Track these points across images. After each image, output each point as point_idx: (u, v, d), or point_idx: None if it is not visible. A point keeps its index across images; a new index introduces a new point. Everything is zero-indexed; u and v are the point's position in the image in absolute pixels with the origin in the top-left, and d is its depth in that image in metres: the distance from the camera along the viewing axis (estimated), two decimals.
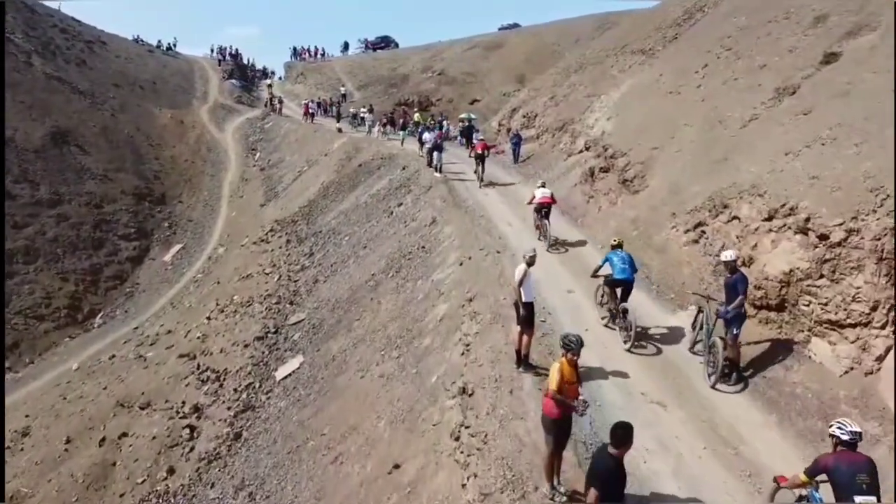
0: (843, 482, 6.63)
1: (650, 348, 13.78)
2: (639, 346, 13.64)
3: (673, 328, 14.54)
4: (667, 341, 14.06)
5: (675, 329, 14.48)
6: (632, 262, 13.98)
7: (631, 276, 13.77)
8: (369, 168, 37.66)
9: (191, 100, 58.43)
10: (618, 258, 13.98)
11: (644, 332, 13.97)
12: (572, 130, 29.71)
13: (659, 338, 14.14)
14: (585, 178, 24.42)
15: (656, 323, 14.68)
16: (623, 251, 14.39)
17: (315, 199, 37.61)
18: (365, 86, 65.55)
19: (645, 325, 14.23)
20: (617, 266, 13.79)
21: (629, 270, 13.76)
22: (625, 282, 13.74)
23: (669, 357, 13.49)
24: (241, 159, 49.71)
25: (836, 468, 6.75)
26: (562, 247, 20.54)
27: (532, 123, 36.92)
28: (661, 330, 14.45)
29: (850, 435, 6.91)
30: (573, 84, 36.65)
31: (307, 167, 43.05)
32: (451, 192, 26.55)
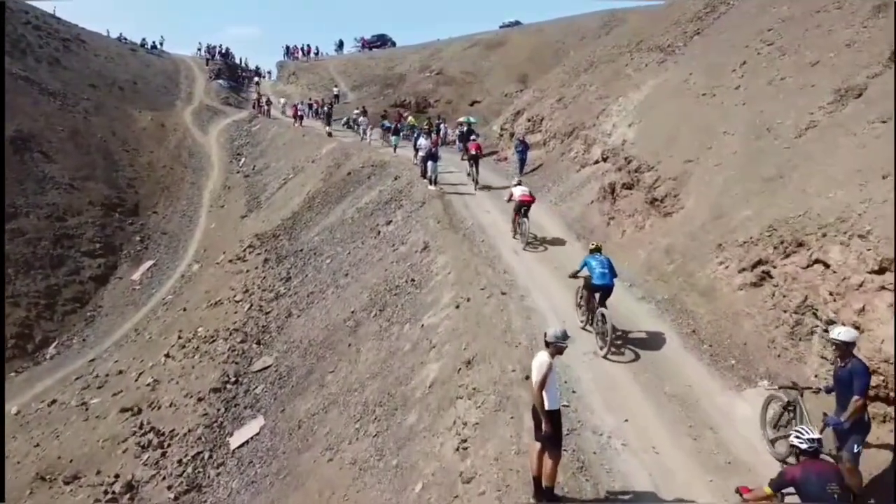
0: (814, 493, 6.35)
1: (628, 354, 12.77)
2: (616, 353, 12.73)
3: (655, 333, 13.55)
4: (647, 346, 13.03)
5: (657, 335, 13.51)
6: (611, 267, 13.36)
7: (610, 281, 13.16)
8: (359, 177, 33.95)
9: (174, 101, 54.67)
10: (596, 262, 13.32)
11: (623, 336, 13.26)
12: (585, 137, 25.93)
13: (638, 343, 13.16)
14: (604, 194, 20.65)
15: (717, 406, 10.88)
16: (602, 255, 13.70)
17: (299, 212, 33.89)
18: (359, 86, 61.77)
19: (624, 329, 13.43)
20: (596, 271, 13.16)
21: (609, 276, 13.16)
22: (604, 287, 13.11)
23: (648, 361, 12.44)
24: (225, 165, 45.96)
25: (806, 479, 6.48)
26: (539, 245, 19.76)
27: (538, 128, 33.16)
28: (641, 334, 13.49)
29: (810, 444, 6.72)
30: (583, 85, 32.88)
31: (293, 174, 39.30)
32: (448, 209, 22.79)
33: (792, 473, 6.71)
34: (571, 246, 19.11)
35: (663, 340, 13.17)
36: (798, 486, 6.57)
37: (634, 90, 24.71)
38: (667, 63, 28.50)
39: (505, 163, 33.45)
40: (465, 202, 24.39)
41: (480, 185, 26.54)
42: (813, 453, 6.75)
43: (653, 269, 16.13)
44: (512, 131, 35.00)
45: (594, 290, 13.20)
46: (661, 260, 16.25)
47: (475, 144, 27.76)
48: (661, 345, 13.06)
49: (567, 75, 34.93)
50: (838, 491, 6.40)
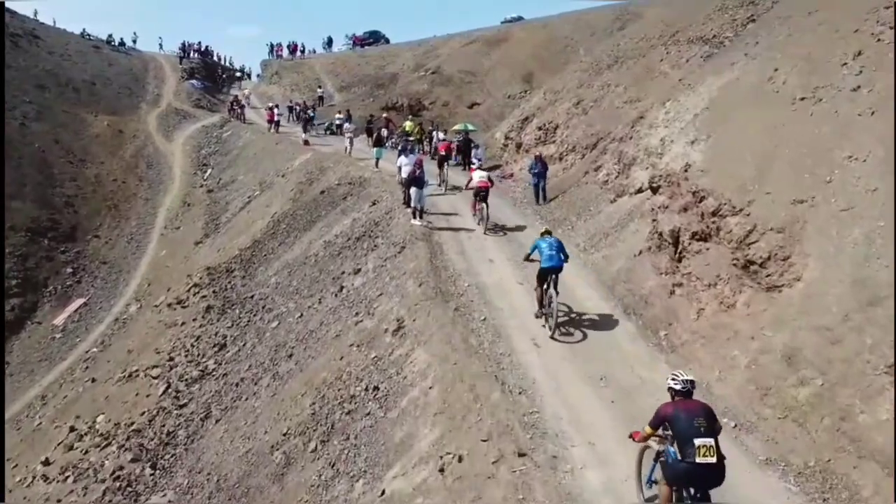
0: (682, 427, 6.72)
1: (577, 335, 11.99)
2: (564, 333, 12.08)
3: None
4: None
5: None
6: (560, 248, 12.61)
7: (559, 263, 12.41)
8: (333, 197, 27.37)
9: (138, 104, 47.97)
10: (546, 244, 12.63)
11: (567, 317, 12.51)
12: (618, 153, 19.33)
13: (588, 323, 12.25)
14: (660, 243, 13.98)
15: None
16: (552, 237, 12.95)
17: (261, 240, 27.24)
18: (348, 87, 55.07)
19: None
20: (545, 253, 12.46)
21: (557, 257, 12.41)
22: (552, 269, 12.34)
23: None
24: (188, 177, 39.27)
25: (676, 415, 6.82)
26: (500, 231, 19.14)
27: (550, 137, 26.53)
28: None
29: (683, 384, 7.02)
30: (607, 85, 26.23)
31: (259, 191, 32.65)
32: (435, 258, 16.16)
33: (665, 411, 6.90)
34: (622, 328, 12.46)
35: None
36: (670, 421, 6.81)
37: (688, 93, 17.97)
38: (717, 57, 21.98)
39: (511, 180, 26.82)
40: (461, 245, 17.70)
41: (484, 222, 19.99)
42: (686, 393, 6.97)
43: (770, 395, 9.48)
44: (519, 141, 28.35)
45: (543, 273, 12.45)
46: (781, 376, 9.62)
47: (445, 145, 26.84)
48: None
49: (585, 74, 28.25)
50: (704, 425, 6.66)
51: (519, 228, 19.00)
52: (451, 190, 24.88)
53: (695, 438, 6.60)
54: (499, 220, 19.61)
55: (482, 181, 19.43)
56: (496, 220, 19.59)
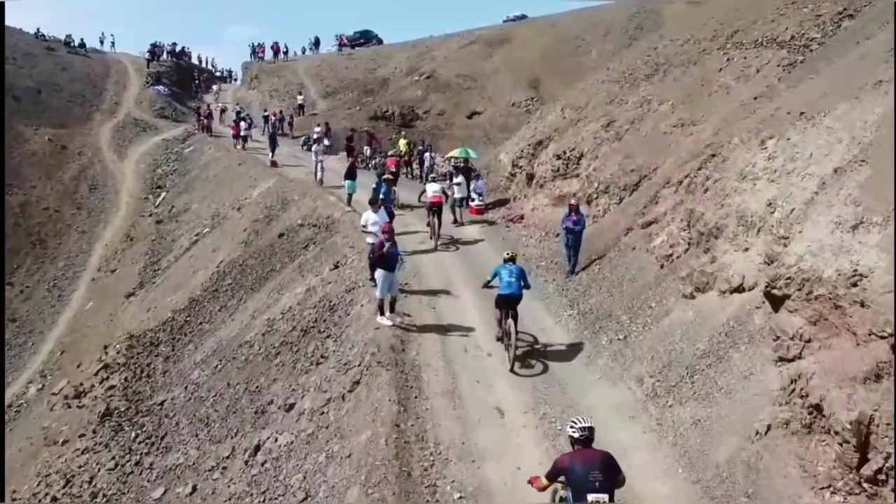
0: (578, 481, 6.13)
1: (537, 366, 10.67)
2: (524, 366, 10.82)
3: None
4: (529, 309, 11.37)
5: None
6: (521, 276, 11.50)
7: (518, 290, 11.34)
8: (292, 244, 21.01)
9: (92, 113, 41.42)
10: (506, 271, 11.53)
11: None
12: (689, 214, 12.65)
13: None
14: (811, 422, 7.37)
15: None
16: (514, 265, 11.66)
17: (199, 299, 20.83)
18: (333, 93, 48.39)
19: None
20: (504, 280, 11.42)
21: (516, 285, 11.34)
22: (511, 297, 11.27)
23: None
24: (137, 203, 32.75)
25: (572, 468, 6.21)
26: (452, 245, 18.21)
27: (573, 169, 19.95)
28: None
29: (581, 432, 6.36)
30: (646, 101, 19.64)
31: (209, 228, 26.09)
32: (407, 416, 9.45)
33: (562, 462, 6.35)
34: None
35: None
36: (566, 474, 6.25)
37: (803, 127, 11.25)
38: (808, 67, 15.60)
39: (520, 225, 20.25)
40: (454, 375, 10.90)
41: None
42: (585, 441, 6.35)
43: None
44: (531, 172, 21.75)
45: (501, 300, 11.39)
46: None
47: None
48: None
49: (616, 85, 21.61)
50: (600, 479, 6.04)
51: (555, 350, 12.09)
52: (445, 245, 18.49)
53: (588, 494, 5.94)
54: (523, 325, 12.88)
55: (436, 196, 18.41)
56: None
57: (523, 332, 11.85)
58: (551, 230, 18.85)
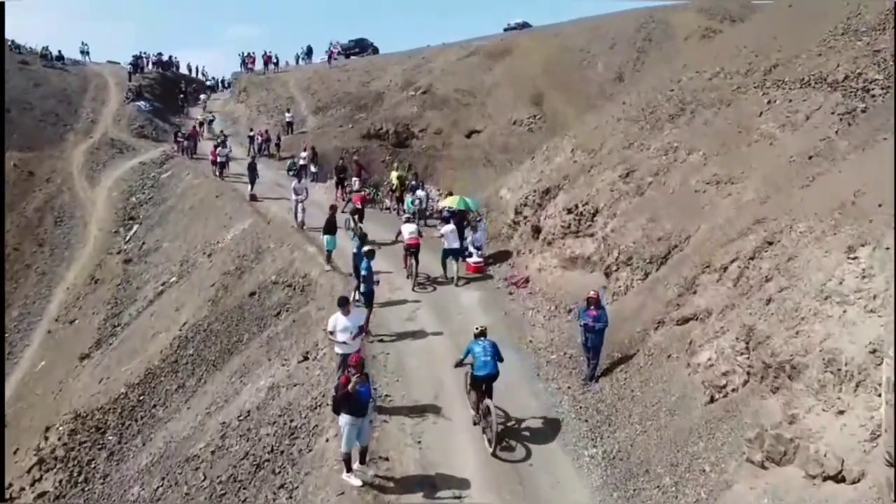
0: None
1: (519, 451, 9.99)
2: (505, 449, 10.14)
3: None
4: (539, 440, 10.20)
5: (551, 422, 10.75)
6: (495, 353, 10.76)
7: (494, 370, 10.65)
8: (262, 308, 18.30)
9: (65, 134, 38.50)
10: (480, 349, 10.78)
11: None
12: (748, 333, 9.67)
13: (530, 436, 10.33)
14: None
15: None
16: (486, 340, 10.96)
17: (156, 372, 18.05)
18: (324, 108, 45.29)
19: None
20: (479, 359, 10.67)
21: (492, 364, 10.64)
22: (488, 377, 10.62)
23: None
24: (106, 238, 29.80)
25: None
26: (429, 286, 17.42)
27: (587, 227, 17.01)
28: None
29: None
30: (672, 147, 16.69)
31: (176, 277, 23.18)
32: None
33: None
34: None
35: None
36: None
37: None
38: (870, 117, 12.72)
39: (524, 290, 17.31)
40: None
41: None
42: None
43: None
44: (537, 224, 18.79)
45: (477, 381, 10.71)
46: None
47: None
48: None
49: (635, 125, 18.61)
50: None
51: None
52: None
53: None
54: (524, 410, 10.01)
55: (412, 238, 17.69)
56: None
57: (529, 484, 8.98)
58: (562, 302, 15.95)
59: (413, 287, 17.44)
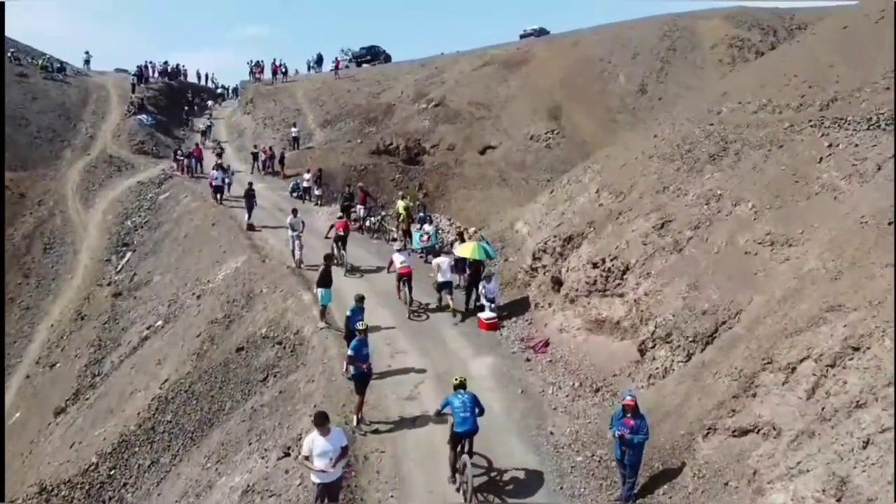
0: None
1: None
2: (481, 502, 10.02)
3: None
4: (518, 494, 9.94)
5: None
6: (474, 407, 10.31)
7: (473, 426, 10.19)
8: (248, 371, 16.46)
9: (62, 150, 36.74)
10: (459, 402, 10.28)
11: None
12: (842, 487, 7.38)
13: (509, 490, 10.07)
14: None
15: None
16: (466, 393, 10.44)
17: (130, 440, 16.25)
18: (332, 121, 43.20)
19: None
20: (458, 415, 10.17)
21: (471, 420, 10.19)
22: (468, 433, 10.19)
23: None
24: (97, 267, 27.96)
25: None
26: (423, 314, 17.14)
27: (616, 286, 14.78)
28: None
29: None
30: (714, 195, 14.43)
31: (162, 322, 21.16)
32: None
33: None
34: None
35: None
36: None
37: None
38: None
39: (544, 355, 15.08)
40: None
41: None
42: None
43: None
44: (558, 276, 16.51)
45: (456, 437, 10.28)
46: None
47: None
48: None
49: (670, 165, 16.29)
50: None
51: None
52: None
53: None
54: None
55: (404, 267, 17.53)
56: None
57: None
58: (587, 377, 13.72)
59: (409, 316, 17.11)
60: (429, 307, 17.71)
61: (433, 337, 16.01)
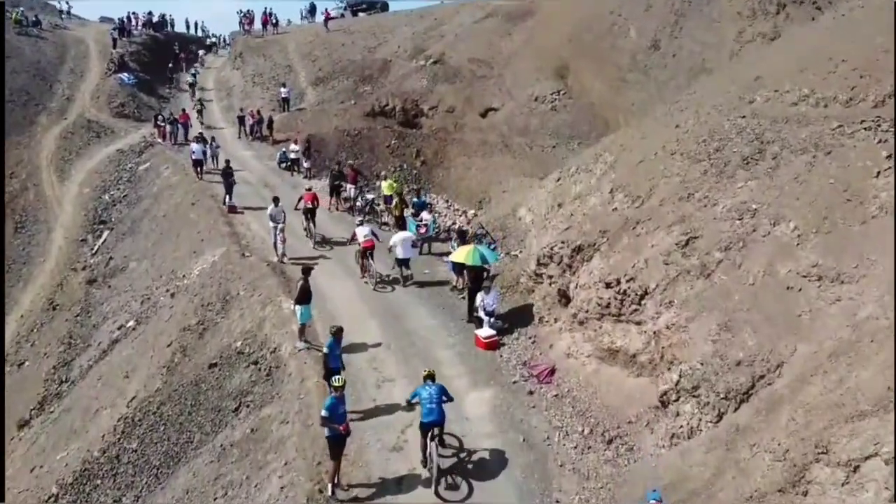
0: None
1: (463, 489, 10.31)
2: (448, 488, 10.42)
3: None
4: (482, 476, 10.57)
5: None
6: (441, 398, 10.74)
7: (439, 417, 10.63)
8: (219, 394, 15.21)
9: (37, 115, 34.39)
10: (427, 394, 10.72)
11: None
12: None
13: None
14: None
15: None
16: (433, 385, 10.86)
17: (91, 471, 14.64)
18: (325, 79, 40.51)
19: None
20: (425, 406, 10.62)
21: (437, 411, 10.61)
22: (433, 424, 10.58)
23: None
24: (72, 248, 26.15)
25: None
26: (388, 285, 17.46)
27: (633, 312, 12.91)
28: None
29: None
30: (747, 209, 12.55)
31: (134, 324, 19.42)
32: None
33: None
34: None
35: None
36: None
37: None
38: None
39: (549, 384, 13.31)
40: None
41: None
42: None
43: None
44: (566, 291, 14.61)
45: (424, 427, 10.68)
46: None
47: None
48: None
49: (694, 163, 14.10)
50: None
51: None
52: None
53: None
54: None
55: (368, 240, 17.85)
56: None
57: None
58: (598, 422, 11.97)
59: (374, 288, 17.66)
60: (390, 279, 18.04)
61: (426, 358, 14.18)
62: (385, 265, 18.49)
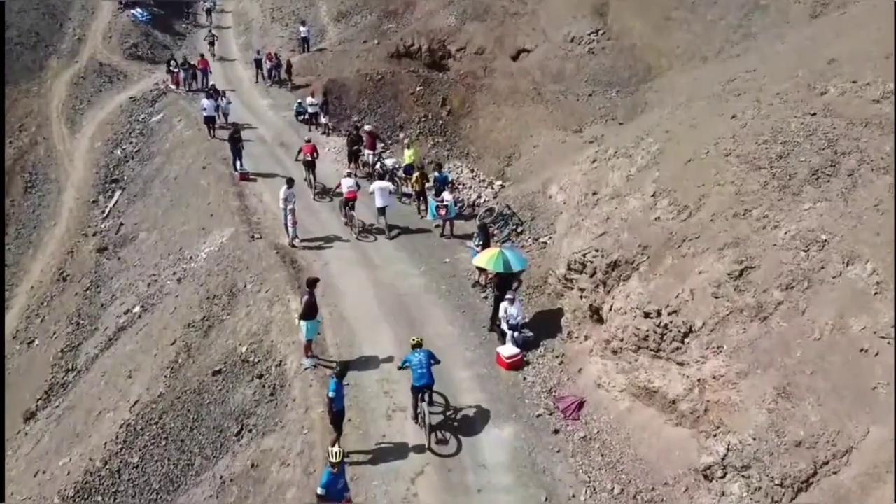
0: None
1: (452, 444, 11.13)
2: (439, 443, 11.31)
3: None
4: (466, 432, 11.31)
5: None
6: (429, 363, 11.56)
7: (429, 380, 11.46)
8: (222, 411, 14.31)
9: (46, 58, 32.76)
10: (416, 360, 11.54)
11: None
12: None
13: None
14: None
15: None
16: (422, 351, 11.69)
17: (94, 482, 14.16)
18: (348, 13, 37.88)
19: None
20: (416, 371, 11.46)
21: (427, 375, 11.43)
22: (423, 388, 11.44)
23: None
24: (83, 210, 25.11)
25: None
26: (370, 234, 18.41)
27: (675, 350, 11.33)
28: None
29: None
30: (816, 241, 10.91)
31: (140, 311, 18.41)
32: None
33: None
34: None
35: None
36: None
37: None
38: None
39: (573, 422, 12.02)
40: None
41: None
42: None
43: None
44: (598, 305, 13.09)
45: (415, 390, 11.54)
46: None
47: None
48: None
49: (752, 169, 12.11)
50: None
51: None
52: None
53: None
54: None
55: (351, 191, 18.62)
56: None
57: None
58: (631, 480, 10.65)
59: (357, 237, 18.50)
60: (373, 227, 18.85)
61: (441, 381, 12.79)
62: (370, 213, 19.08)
